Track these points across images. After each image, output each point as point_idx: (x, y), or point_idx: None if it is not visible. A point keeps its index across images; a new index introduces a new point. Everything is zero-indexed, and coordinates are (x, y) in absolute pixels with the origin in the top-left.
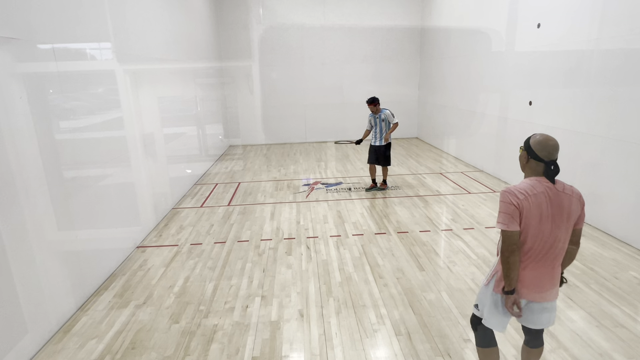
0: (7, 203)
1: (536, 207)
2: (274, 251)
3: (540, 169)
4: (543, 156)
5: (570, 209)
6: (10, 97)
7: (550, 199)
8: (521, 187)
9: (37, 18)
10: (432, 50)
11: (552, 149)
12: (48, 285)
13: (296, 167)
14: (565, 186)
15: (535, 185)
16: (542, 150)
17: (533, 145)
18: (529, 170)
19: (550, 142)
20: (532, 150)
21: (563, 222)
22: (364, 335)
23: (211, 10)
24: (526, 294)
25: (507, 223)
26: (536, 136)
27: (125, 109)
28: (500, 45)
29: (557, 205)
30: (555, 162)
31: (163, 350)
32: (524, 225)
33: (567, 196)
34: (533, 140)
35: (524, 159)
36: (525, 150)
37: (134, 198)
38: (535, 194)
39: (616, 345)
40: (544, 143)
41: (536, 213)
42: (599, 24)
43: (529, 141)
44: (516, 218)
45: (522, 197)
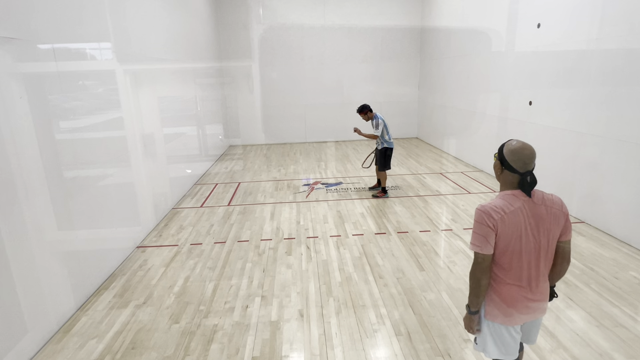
0: (7, 203)
1: (514, 225)
2: (274, 251)
3: (515, 180)
4: (518, 167)
5: (551, 222)
6: (10, 97)
7: (529, 213)
8: (497, 204)
9: (37, 18)
10: (432, 50)
11: (527, 158)
12: (48, 285)
13: (296, 167)
14: (544, 196)
15: (512, 201)
16: (516, 160)
17: (507, 155)
18: (503, 182)
19: (525, 150)
20: (505, 160)
21: (544, 237)
22: (364, 335)
23: (211, 10)
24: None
25: (481, 245)
26: (511, 143)
27: (125, 109)
28: (500, 45)
29: (537, 220)
30: (532, 172)
31: (163, 350)
32: (503, 245)
33: (548, 208)
34: (507, 149)
35: (498, 169)
36: (499, 159)
37: (134, 198)
38: (513, 211)
39: (616, 345)
40: (519, 152)
41: (515, 231)
42: (599, 24)
43: (502, 149)
44: (490, 240)
45: (498, 217)
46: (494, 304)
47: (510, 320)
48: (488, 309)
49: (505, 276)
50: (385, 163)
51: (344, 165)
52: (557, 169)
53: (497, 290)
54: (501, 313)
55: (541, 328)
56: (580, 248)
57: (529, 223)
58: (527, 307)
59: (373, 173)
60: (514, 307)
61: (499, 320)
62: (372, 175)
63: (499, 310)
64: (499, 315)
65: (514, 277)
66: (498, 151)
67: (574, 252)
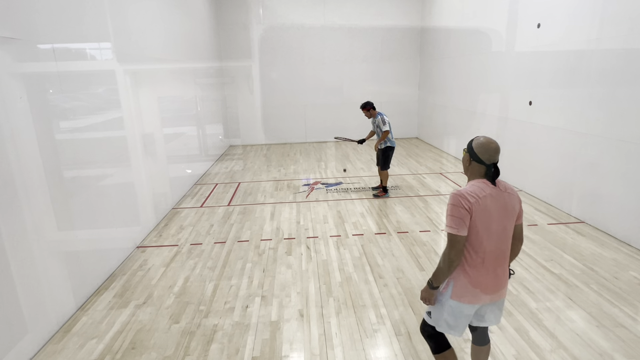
0: (7, 203)
1: (485, 209)
2: (274, 251)
3: (482, 171)
4: (485, 159)
5: (513, 208)
6: (10, 97)
7: (495, 200)
8: (471, 190)
9: (37, 18)
10: (432, 50)
11: (493, 151)
12: (48, 285)
13: (296, 167)
14: (506, 186)
15: (483, 188)
16: (484, 153)
17: (475, 148)
18: (471, 173)
19: (491, 144)
20: (474, 153)
21: (508, 221)
22: (364, 335)
23: (211, 10)
24: (485, 298)
25: (457, 227)
26: (479, 139)
27: (125, 109)
28: (500, 45)
29: (502, 206)
30: (496, 164)
31: (163, 350)
32: (477, 228)
33: (509, 195)
34: (475, 143)
35: (466, 162)
36: (467, 152)
37: (134, 198)
38: (484, 196)
39: (616, 345)
40: (486, 146)
41: (486, 215)
42: (599, 24)
43: (471, 144)
44: (466, 222)
45: (474, 201)
46: (461, 285)
47: (474, 299)
48: (455, 289)
49: (474, 258)
50: (386, 162)
51: (344, 165)
52: (557, 169)
53: (465, 271)
54: (468, 293)
55: (541, 328)
56: (580, 248)
57: (496, 208)
58: (491, 288)
59: (374, 173)
60: (479, 287)
61: (464, 300)
62: (373, 175)
63: (465, 290)
64: (465, 295)
65: (482, 259)
66: (467, 146)
67: (574, 252)
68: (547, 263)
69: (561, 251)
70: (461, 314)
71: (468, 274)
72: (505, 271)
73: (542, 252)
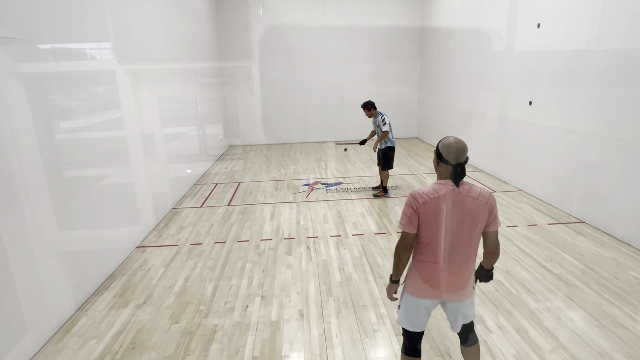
0: (7, 203)
1: (436, 210)
2: (274, 251)
3: (448, 171)
4: (450, 159)
5: (474, 212)
6: (10, 97)
7: (452, 201)
8: (425, 190)
9: (37, 18)
10: (432, 50)
11: (459, 152)
12: (48, 285)
13: (296, 167)
14: (472, 189)
15: (438, 189)
16: (449, 153)
17: (441, 149)
18: (439, 173)
19: (457, 144)
20: (440, 153)
21: (466, 225)
22: (364, 335)
23: (211, 10)
24: (439, 295)
25: (405, 224)
26: (447, 139)
27: (125, 109)
28: (500, 45)
29: (459, 208)
30: (462, 165)
31: (163, 350)
32: (425, 227)
33: (472, 199)
34: (442, 144)
35: (435, 162)
36: (435, 154)
37: (134, 198)
38: (436, 197)
39: (616, 345)
40: (452, 146)
41: (437, 216)
42: (599, 24)
43: (439, 145)
44: (413, 221)
45: (422, 201)
46: (413, 278)
47: (423, 293)
48: (409, 282)
49: (424, 254)
50: (387, 162)
51: (344, 165)
52: (557, 169)
53: (416, 266)
54: (417, 286)
55: (541, 328)
56: (580, 248)
57: (452, 210)
58: (445, 286)
59: (374, 173)
60: (428, 282)
61: (414, 293)
62: (373, 175)
63: (415, 283)
64: (415, 288)
65: (431, 256)
66: (436, 146)
67: (574, 252)
68: (547, 263)
69: (561, 251)
70: (416, 308)
71: (419, 268)
72: (465, 274)
73: (542, 252)
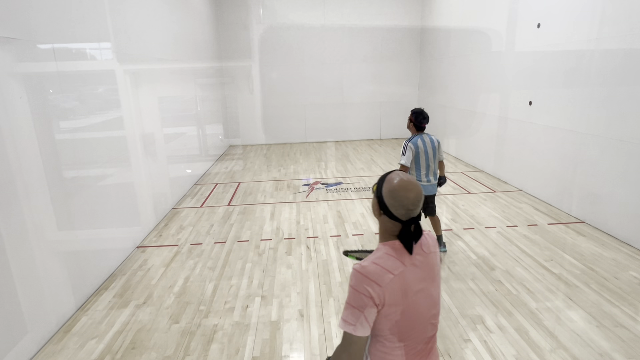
0: (7, 203)
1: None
2: (274, 251)
3: (396, 228)
4: (399, 215)
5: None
6: (10, 97)
7: (421, 268)
8: (384, 264)
9: (37, 18)
10: (432, 50)
11: (412, 204)
12: (48, 285)
13: (296, 167)
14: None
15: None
16: (397, 207)
17: (385, 196)
18: (383, 228)
19: (409, 193)
20: (384, 203)
21: (437, 289)
22: None
23: (211, 10)
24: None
25: (355, 323)
26: (391, 183)
27: (125, 109)
28: (500, 45)
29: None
30: (416, 220)
31: (163, 350)
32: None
33: (433, 255)
34: (387, 189)
35: (376, 211)
36: (376, 198)
37: (134, 198)
38: (403, 272)
39: (616, 345)
40: (401, 195)
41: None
42: (599, 24)
43: (381, 187)
44: (369, 317)
45: (386, 283)
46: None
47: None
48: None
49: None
50: None
51: (344, 165)
52: (557, 169)
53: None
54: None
55: (541, 328)
56: (580, 248)
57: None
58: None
59: (374, 173)
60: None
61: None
62: (373, 175)
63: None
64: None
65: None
66: (377, 186)
67: (574, 252)
68: (547, 263)
69: (561, 251)
70: None
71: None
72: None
73: (542, 252)
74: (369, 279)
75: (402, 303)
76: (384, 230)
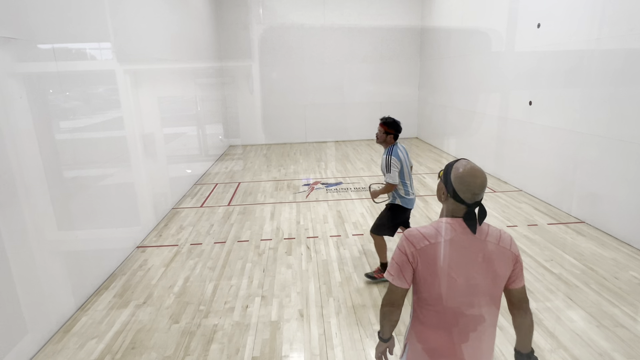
0: (7, 203)
1: (440, 259)
2: (274, 251)
3: (461, 211)
4: (465, 198)
5: (495, 262)
6: (10, 97)
7: (464, 248)
8: (425, 231)
9: (37, 18)
10: (432, 50)
11: (478, 188)
12: (48, 285)
13: (296, 167)
14: (490, 232)
15: (447, 232)
16: (465, 191)
17: (454, 181)
18: (446, 209)
19: (477, 179)
20: (452, 187)
21: (484, 278)
22: (364, 335)
23: (211, 10)
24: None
25: (394, 275)
26: (459, 169)
27: (125, 109)
28: (500, 45)
29: (474, 257)
30: (481, 203)
31: (163, 350)
32: (426, 281)
33: (492, 245)
34: (455, 175)
35: (441, 194)
36: (443, 183)
37: (134, 198)
38: (440, 242)
39: (616, 345)
40: (468, 181)
41: (440, 266)
42: (599, 24)
43: (449, 173)
44: (405, 273)
45: (420, 247)
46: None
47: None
48: (409, 355)
49: (426, 315)
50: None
51: (343, 165)
52: (557, 169)
53: (417, 329)
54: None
55: (541, 328)
56: (580, 248)
57: (463, 260)
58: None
59: (374, 173)
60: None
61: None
62: (373, 175)
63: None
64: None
65: (435, 319)
66: (443, 173)
67: (574, 252)
68: (547, 263)
69: (561, 251)
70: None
71: (421, 334)
72: (480, 342)
73: (542, 252)
74: (408, 240)
75: (437, 273)
76: (448, 211)
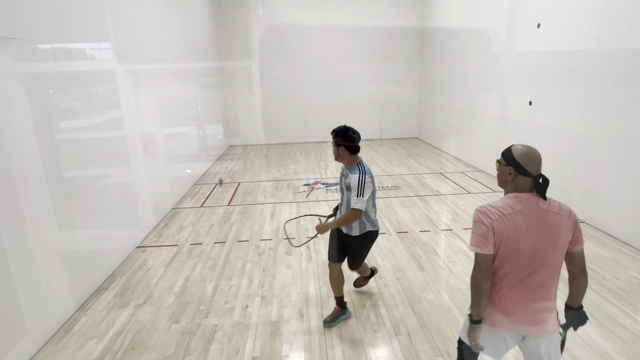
0: (7, 203)
1: (512, 227)
2: (274, 251)
3: (527, 184)
4: (532, 170)
5: (558, 229)
6: (10, 97)
7: (531, 218)
8: (496, 205)
9: (37, 18)
10: (432, 50)
11: (539, 160)
12: (48, 285)
13: (296, 167)
14: (551, 203)
15: (513, 204)
16: (530, 163)
17: (520, 159)
18: (511, 187)
19: (536, 153)
20: (519, 164)
21: (548, 244)
22: (364, 335)
23: (211, 10)
24: (518, 328)
25: (481, 245)
26: (518, 149)
27: (125, 109)
28: (500, 45)
29: (540, 225)
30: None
31: (163, 350)
32: (498, 248)
33: (553, 214)
34: (518, 153)
35: (507, 175)
36: (508, 165)
37: (134, 198)
38: (511, 214)
39: (616, 345)
40: (531, 155)
41: (512, 234)
42: (599, 24)
43: (511, 155)
44: (489, 240)
45: (495, 217)
46: (489, 309)
47: (504, 326)
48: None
49: (497, 281)
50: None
51: None
52: (557, 169)
53: (492, 296)
54: (494, 317)
55: None
56: None
57: (530, 227)
58: (522, 318)
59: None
60: (504, 313)
61: (487, 322)
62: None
63: (491, 314)
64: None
65: (507, 284)
66: (505, 157)
67: None
68: None
69: None
70: (490, 337)
71: (494, 298)
72: (546, 304)
73: None
74: (483, 212)
75: (510, 240)
76: (511, 187)
